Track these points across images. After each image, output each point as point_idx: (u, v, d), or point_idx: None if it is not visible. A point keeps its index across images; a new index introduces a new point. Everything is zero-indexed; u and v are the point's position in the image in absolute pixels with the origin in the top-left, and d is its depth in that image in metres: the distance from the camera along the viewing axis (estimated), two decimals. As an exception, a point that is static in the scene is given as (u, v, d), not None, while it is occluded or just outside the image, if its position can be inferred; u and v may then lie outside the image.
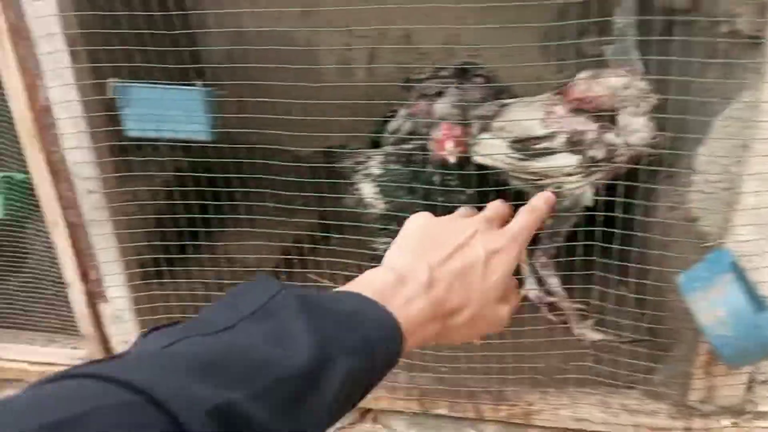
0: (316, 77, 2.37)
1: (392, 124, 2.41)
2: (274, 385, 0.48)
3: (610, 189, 1.86)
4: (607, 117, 1.89)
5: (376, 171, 2.13)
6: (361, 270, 1.98)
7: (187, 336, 0.51)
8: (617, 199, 1.72)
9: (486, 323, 0.71)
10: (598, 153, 1.91)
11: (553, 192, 0.89)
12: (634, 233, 1.79)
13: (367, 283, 0.64)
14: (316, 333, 0.53)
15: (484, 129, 2.14)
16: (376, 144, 2.44)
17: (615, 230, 1.69)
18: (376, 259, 2.11)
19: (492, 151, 2.04)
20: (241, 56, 1.62)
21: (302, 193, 1.91)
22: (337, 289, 0.63)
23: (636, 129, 1.87)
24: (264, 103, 1.64)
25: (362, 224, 2.11)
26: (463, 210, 0.77)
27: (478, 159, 2.09)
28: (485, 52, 2.67)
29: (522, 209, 0.76)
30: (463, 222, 0.72)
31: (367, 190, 2.11)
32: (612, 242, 1.71)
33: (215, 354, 0.48)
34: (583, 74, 1.92)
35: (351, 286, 0.63)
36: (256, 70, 1.60)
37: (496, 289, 0.69)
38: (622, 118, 1.87)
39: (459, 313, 0.67)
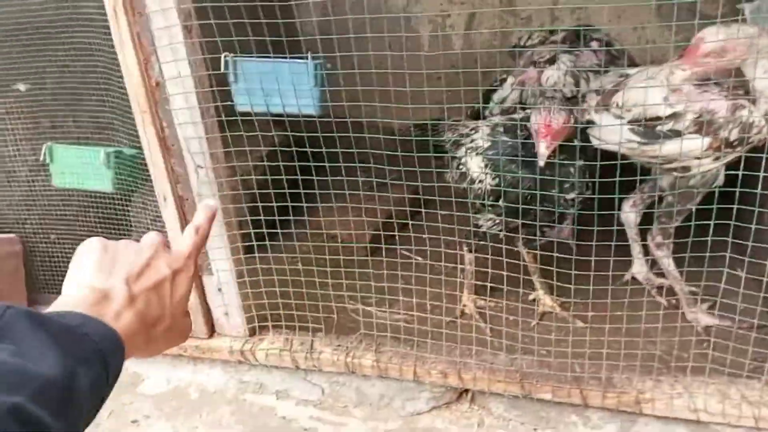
0: (412, 47, 2.37)
1: (498, 94, 2.35)
2: (42, 390, 0.52)
3: (737, 163, 1.76)
4: (742, 90, 1.77)
5: (484, 144, 2.06)
6: (455, 246, 1.98)
7: None
8: (743, 172, 1.61)
9: (178, 333, 0.77)
10: (732, 133, 1.81)
11: (676, 173, 0.82)
12: (763, 210, 1.69)
13: (75, 303, 0.66)
14: (56, 346, 0.56)
15: (600, 105, 2.05)
16: (477, 116, 2.39)
17: (737, 207, 1.59)
18: (477, 236, 2.10)
19: (609, 135, 1.96)
20: (336, 27, 1.62)
21: (398, 168, 1.91)
22: (49, 309, 0.64)
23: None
24: (361, 75, 1.64)
25: (464, 200, 2.07)
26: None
27: (593, 142, 2.02)
28: (593, 16, 2.58)
29: (187, 229, 0.81)
30: (139, 245, 0.76)
31: (474, 165, 2.06)
32: (733, 220, 1.61)
33: None
34: (711, 27, 1.78)
35: (60, 307, 0.65)
36: (350, 42, 1.60)
37: (182, 303, 0.75)
38: (760, 82, 1.75)
39: (158, 324, 0.72)
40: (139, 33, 1.65)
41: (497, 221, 2.06)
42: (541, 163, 1.76)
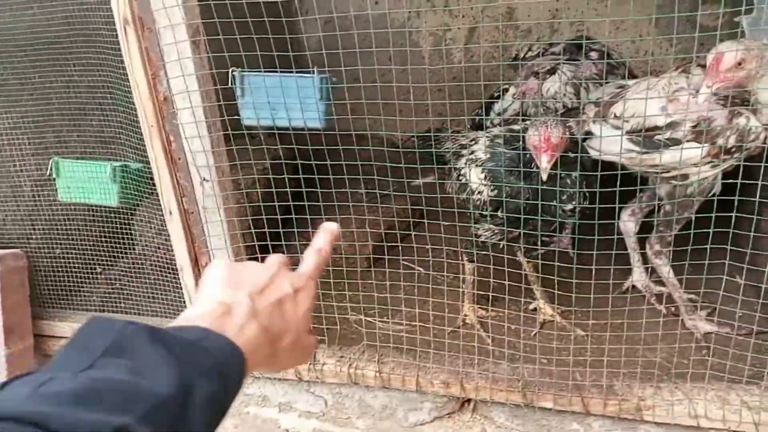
0: (413, 61, 2.46)
1: (499, 105, 2.44)
2: (152, 410, 0.54)
3: (734, 171, 1.84)
4: (738, 99, 1.86)
5: (483, 155, 2.13)
6: (456, 257, 2.04)
7: (52, 378, 0.53)
8: (741, 181, 1.70)
9: (302, 350, 0.81)
10: (729, 140, 1.89)
11: (674, 181, 0.89)
12: (761, 218, 1.77)
13: (198, 317, 0.70)
14: (173, 361, 0.58)
15: (599, 116, 2.14)
16: (478, 127, 2.48)
17: (736, 215, 1.66)
18: (477, 246, 2.18)
19: (608, 146, 2.02)
20: (338, 41, 1.70)
21: (398, 179, 1.98)
22: (172, 324, 0.68)
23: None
24: (362, 88, 1.72)
25: (464, 210, 2.14)
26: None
27: (592, 153, 2.11)
28: (593, 28, 2.68)
29: (308, 250, 0.85)
30: (263, 264, 0.81)
31: (474, 176, 2.13)
32: (732, 228, 1.69)
33: (90, 389, 0.53)
34: (727, 42, 1.85)
35: (183, 322, 0.68)
36: (353, 55, 1.69)
37: (306, 319, 0.79)
38: (764, 94, 1.84)
39: (282, 339, 0.76)
40: (148, 48, 1.74)
41: (496, 231, 2.14)
42: (544, 176, 1.84)
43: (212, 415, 0.63)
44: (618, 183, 1.76)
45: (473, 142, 2.20)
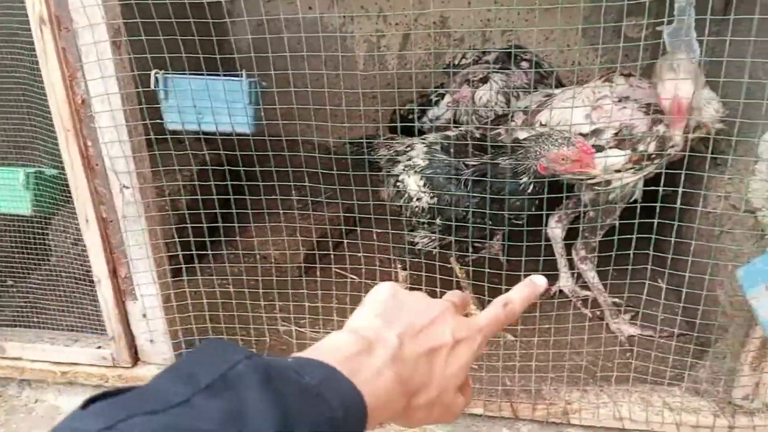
0: (346, 66, 2.50)
1: (432, 112, 2.50)
2: None
3: (656, 179, 1.95)
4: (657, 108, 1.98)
5: (422, 162, 2.17)
6: (389, 264, 2.08)
7: (134, 414, 0.47)
8: (663, 188, 1.80)
9: (443, 410, 0.71)
10: (650, 147, 2.01)
11: (598, 187, 0.95)
12: (682, 224, 1.87)
13: (333, 349, 0.62)
14: (279, 411, 0.52)
15: (526, 124, 2.23)
16: (404, 131, 2.53)
17: (658, 221, 1.76)
18: (412, 253, 2.22)
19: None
20: (270, 45, 1.70)
21: (331, 186, 2.00)
22: (301, 354, 0.61)
23: (708, 102, 1.96)
24: (293, 93, 1.73)
25: (398, 218, 2.18)
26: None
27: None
28: (523, 37, 2.78)
29: (497, 301, 0.76)
30: (433, 300, 0.73)
31: (412, 182, 2.17)
32: (654, 233, 1.77)
33: None
34: (668, 83, 1.92)
35: (316, 352, 0.61)
36: (284, 59, 1.70)
37: (457, 377, 0.69)
38: (695, 99, 1.93)
39: (421, 393, 0.67)
40: (65, 48, 1.70)
41: (433, 239, 2.19)
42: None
43: None
44: (545, 190, 1.85)
45: (409, 149, 2.24)
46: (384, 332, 0.65)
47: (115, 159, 1.82)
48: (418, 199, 2.15)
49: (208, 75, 1.70)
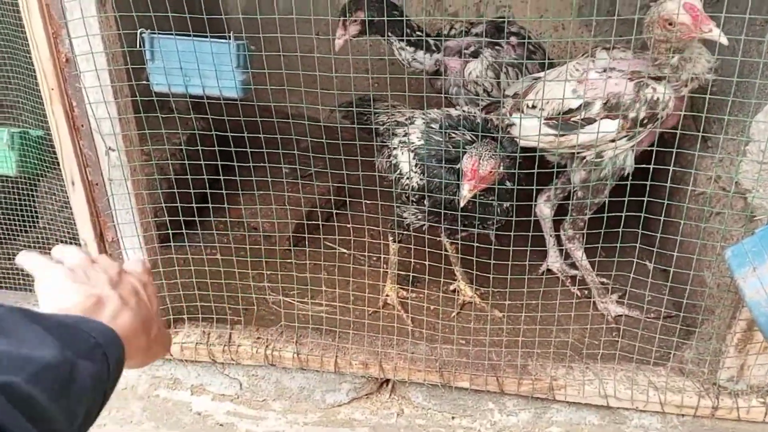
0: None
1: (417, 54, 2.39)
2: (41, 372, 0.55)
3: (646, 157, 1.89)
4: (643, 74, 1.93)
5: (417, 140, 2.06)
6: (379, 237, 1.99)
7: None
8: (652, 166, 1.74)
9: (167, 340, 0.83)
10: (640, 113, 1.95)
11: (590, 161, 0.89)
12: (672, 202, 1.81)
13: (68, 309, 0.69)
14: (54, 338, 0.59)
15: (517, 108, 2.17)
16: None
17: (647, 199, 1.70)
18: (401, 227, 2.16)
19: (528, 132, 2.06)
20: (258, 8, 1.63)
21: (321, 156, 1.91)
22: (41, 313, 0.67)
23: (699, 54, 1.89)
24: (286, 60, 1.65)
25: (390, 190, 2.09)
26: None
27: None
28: (518, 14, 2.69)
29: (130, 261, 0.87)
30: (100, 262, 0.81)
31: (404, 159, 2.07)
32: (643, 212, 1.73)
33: None
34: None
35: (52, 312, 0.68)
36: (274, 24, 1.60)
37: (158, 312, 0.83)
38: (688, 51, 1.88)
39: (152, 326, 0.78)
40: (49, 5, 1.60)
41: (420, 216, 2.12)
42: (462, 203, 1.84)
43: (96, 395, 0.62)
44: (536, 166, 1.78)
45: (409, 122, 2.14)
46: (98, 289, 0.73)
47: (101, 120, 1.73)
48: (408, 177, 2.06)
49: (194, 36, 1.61)
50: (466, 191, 1.82)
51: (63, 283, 0.73)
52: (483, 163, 1.80)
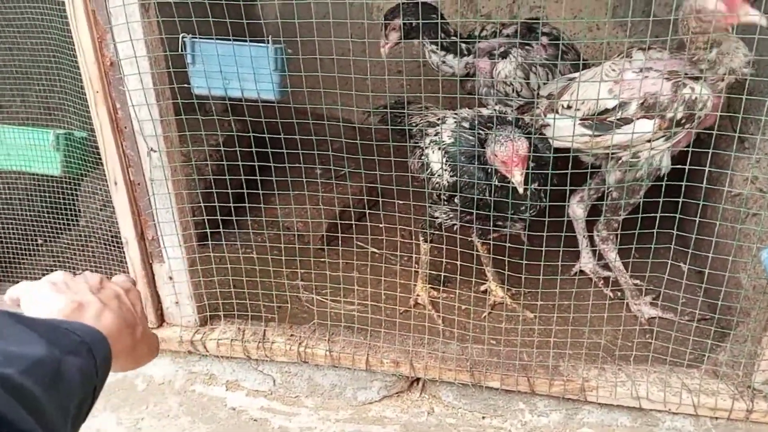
0: (373, 39, 2.42)
1: (448, 57, 2.41)
2: (32, 367, 0.57)
3: (682, 158, 1.88)
4: (683, 72, 1.91)
5: (447, 138, 2.06)
6: (410, 237, 2.01)
7: None
8: (687, 167, 1.72)
9: (153, 342, 0.87)
10: (678, 113, 1.94)
11: (625, 161, 0.87)
12: (707, 203, 1.79)
13: (51, 314, 0.72)
14: (40, 337, 0.61)
15: (552, 109, 2.16)
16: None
17: (682, 200, 1.69)
18: (433, 227, 2.17)
19: (563, 132, 2.05)
20: (296, 13, 1.65)
21: (354, 156, 1.93)
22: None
23: (736, 48, 1.88)
24: (321, 63, 1.68)
25: (422, 190, 2.11)
26: None
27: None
28: (552, 14, 2.68)
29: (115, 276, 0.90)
30: (81, 277, 0.84)
31: (435, 158, 2.07)
32: (678, 213, 1.73)
33: None
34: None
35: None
36: (311, 28, 1.63)
37: (143, 317, 0.85)
38: (726, 45, 1.87)
39: (137, 327, 0.81)
40: (95, 10, 1.66)
41: (452, 215, 2.13)
42: (521, 190, 1.82)
43: (85, 389, 0.65)
44: (569, 166, 1.78)
45: (441, 121, 2.15)
46: (79, 296, 0.76)
47: (143, 122, 1.78)
48: (439, 176, 2.07)
49: (234, 40, 1.65)
50: (519, 176, 1.81)
51: (45, 293, 0.77)
52: (519, 144, 1.81)
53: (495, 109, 2.10)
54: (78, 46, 1.72)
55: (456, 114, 2.15)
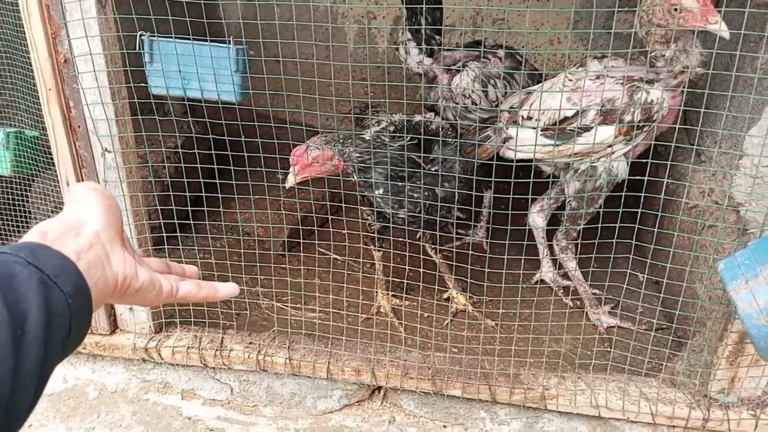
0: (335, 46, 2.39)
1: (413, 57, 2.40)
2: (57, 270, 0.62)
3: (640, 172, 1.89)
4: (636, 78, 1.94)
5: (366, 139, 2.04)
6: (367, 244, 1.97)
7: None
8: (646, 178, 1.74)
9: (156, 293, 0.82)
10: (635, 115, 1.96)
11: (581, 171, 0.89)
12: (665, 214, 1.82)
13: (41, 234, 0.71)
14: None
15: (513, 121, 2.17)
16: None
17: (641, 210, 1.71)
18: (369, 230, 2.14)
19: (525, 143, 2.07)
20: (258, 14, 1.62)
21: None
22: (19, 242, 0.69)
23: (694, 45, 1.91)
24: (284, 66, 1.64)
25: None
26: None
27: (509, 154, 2.13)
28: (515, 27, 2.69)
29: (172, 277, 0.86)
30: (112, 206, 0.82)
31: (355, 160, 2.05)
32: (636, 224, 1.73)
33: None
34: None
35: (29, 237, 0.70)
36: (273, 34, 1.59)
37: (140, 268, 0.81)
38: (683, 41, 1.90)
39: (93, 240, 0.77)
40: (49, 5, 1.58)
41: (375, 217, 2.15)
42: (287, 185, 1.91)
43: (47, 294, 0.63)
44: (532, 176, 1.78)
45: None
46: (86, 221, 0.74)
47: (98, 121, 1.71)
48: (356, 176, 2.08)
49: (194, 39, 1.60)
50: (291, 175, 1.90)
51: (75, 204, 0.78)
52: (312, 151, 1.86)
53: (425, 116, 2.11)
54: (30, 42, 1.64)
55: (391, 118, 2.18)
